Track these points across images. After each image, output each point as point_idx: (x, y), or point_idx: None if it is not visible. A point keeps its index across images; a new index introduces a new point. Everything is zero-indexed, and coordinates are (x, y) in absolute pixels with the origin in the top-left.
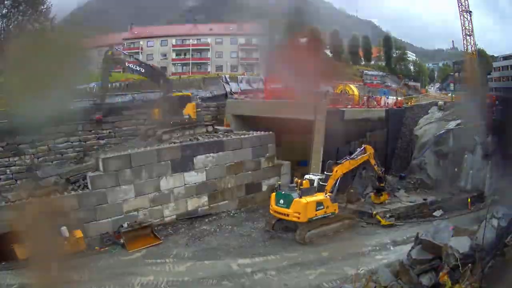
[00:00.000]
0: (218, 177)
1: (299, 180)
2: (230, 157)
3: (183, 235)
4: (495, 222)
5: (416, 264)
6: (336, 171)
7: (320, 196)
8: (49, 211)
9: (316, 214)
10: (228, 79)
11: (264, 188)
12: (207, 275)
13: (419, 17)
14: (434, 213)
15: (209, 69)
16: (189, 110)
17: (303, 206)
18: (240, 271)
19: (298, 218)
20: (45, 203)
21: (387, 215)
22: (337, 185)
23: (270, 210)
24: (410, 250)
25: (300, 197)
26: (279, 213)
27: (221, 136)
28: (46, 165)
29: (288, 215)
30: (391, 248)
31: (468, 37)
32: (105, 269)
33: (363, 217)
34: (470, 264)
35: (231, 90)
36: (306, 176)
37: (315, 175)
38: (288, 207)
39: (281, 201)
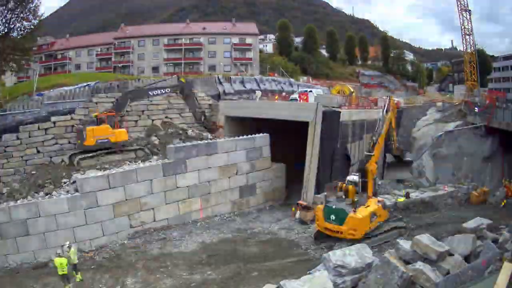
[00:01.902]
0: (212, 179)
1: (343, 184)
2: (223, 160)
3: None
4: None
5: None
6: (371, 170)
7: (373, 206)
8: None
9: (370, 227)
10: (221, 80)
11: (258, 191)
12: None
13: None
14: None
15: (201, 69)
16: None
17: (359, 222)
18: None
19: (354, 235)
20: None
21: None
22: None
23: (318, 226)
24: None
25: (355, 211)
26: (330, 230)
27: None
28: None
29: (341, 233)
30: None
31: (467, 37)
32: None
33: None
34: None
35: (224, 91)
36: (349, 178)
37: (355, 175)
38: (341, 223)
39: (332, 217)
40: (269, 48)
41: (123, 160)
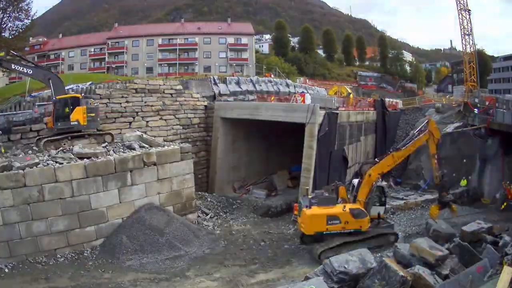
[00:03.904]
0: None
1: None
2: None
3: None
4: None
5: None
6: (370, 175)
7: (334, 209)
8: None
9: (327, 229)
10: (216, 80)
11: None
12: None
13: None
14: None
15: (196, 70)
16: (77, 115)
17: (307, 218)
18: None
19: (304, 229)
20: None
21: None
22: (379, 193)
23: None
24: None
25: (309, 206)
26: (298, 222)
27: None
28: None
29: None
30: None
31: (467, 37)
32: None
33: None
34: None
35: (219, 92)
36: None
37: (356, 179)
38: (299, 216)
39: (297, 210)
40: (265, 48)
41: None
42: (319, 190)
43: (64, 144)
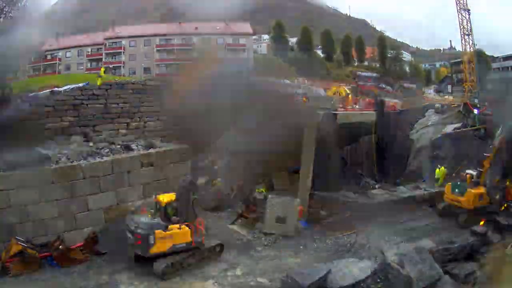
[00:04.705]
0: None
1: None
2: None
3: None
4: None
5: None
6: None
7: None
8: None
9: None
10: None
11: None
12: None
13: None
14: None
15: None
16: None
17: (473, 195)
18: None
19: (468, 205)
20: None
21: None
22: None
23: (446, 198)
24: None
25: (472, 188)
26: (453, 200)
27: None
28: None
29: (460, 202)
30: None
31: (466, 37)
32: None
33: None
34: None
35: None
36: (468, 171)
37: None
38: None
39: (456, 190)
40: (264, 48)
41: None
42: None
43: None
